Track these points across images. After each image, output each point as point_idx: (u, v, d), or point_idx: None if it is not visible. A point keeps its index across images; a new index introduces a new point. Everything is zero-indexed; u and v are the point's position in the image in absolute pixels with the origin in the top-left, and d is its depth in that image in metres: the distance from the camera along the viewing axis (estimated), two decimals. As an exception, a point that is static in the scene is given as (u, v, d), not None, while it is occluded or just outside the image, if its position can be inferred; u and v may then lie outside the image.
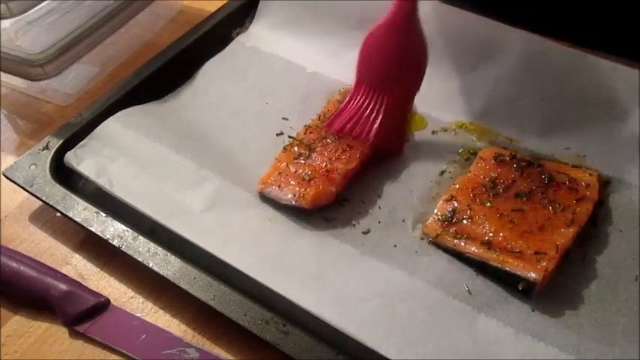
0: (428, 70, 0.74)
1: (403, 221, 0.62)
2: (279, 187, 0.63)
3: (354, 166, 0.64)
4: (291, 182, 0.63)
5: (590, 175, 0.62)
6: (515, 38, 0.71)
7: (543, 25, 0.71)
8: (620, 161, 0.64)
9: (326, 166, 0.64)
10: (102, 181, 0.65)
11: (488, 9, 0.73)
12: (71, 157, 0.68)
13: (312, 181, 0.62)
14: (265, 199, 0.64)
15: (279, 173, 0.64)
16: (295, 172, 0.64)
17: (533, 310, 0.54)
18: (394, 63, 0.66)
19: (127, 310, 0.59)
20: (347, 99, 0.68)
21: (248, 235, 0.61)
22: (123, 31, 0.85)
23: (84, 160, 0.68)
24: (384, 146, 0.67)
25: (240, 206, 0.64)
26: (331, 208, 0.63)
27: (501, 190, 0.61)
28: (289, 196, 0.62)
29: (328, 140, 0.66)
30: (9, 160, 0.72)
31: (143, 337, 0.57)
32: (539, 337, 0.51)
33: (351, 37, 0.79)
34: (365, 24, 0.78)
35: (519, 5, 0.73)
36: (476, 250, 0.56)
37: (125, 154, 0.68)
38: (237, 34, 0.85)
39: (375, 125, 0.66)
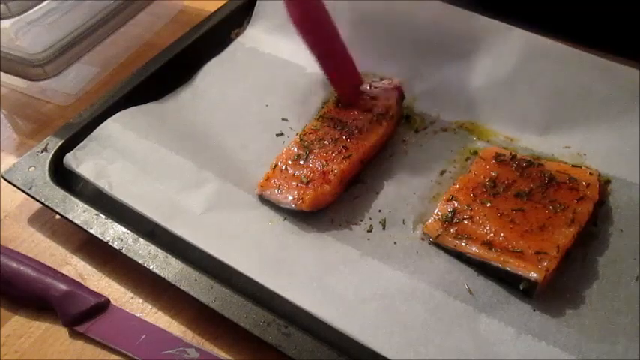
0: (428, 70, 0.74)
1: (404, 222, 0.62)
2: (278, 190, 0.63)
3: (348, 167, 0.64)
4: (290, 185, 0.63)
5: (591, 174, 0.62)
6: (516, 38, 0.71)
7: (543, 25, 0.71)
8: (620, 161, 0.63)
9: (323, 167, 0.64)
10: (101, 183, 0.65)
11: (488, 8, 0.73)
12: (71, 159, 0.68)
13: (310, 184, 0.62)
14: (265, 200, 0.64)
15: (278, 176, 0.64)
16: (293, 174, 0.64)
17: (534, 310, 0.54)
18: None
19: (127, 310, 0.59)
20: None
21: (248, 237, 0.61)
22: (123, 31, 0.85)
23: (83, 162, 0.67)
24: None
25: (241, 208, 0.64)
26: (331, 209, 0.63)
27: (502, 190, 0.61)
28: (288, 199, 0.62)
29: (326, 142, 0.66)
30: (9, 160, 0.72)
31: (143, 337, 0.57)
32: (541, 336, 0.52)
33: (349, 36, 0.78)
34: (364, 22, 0.78)
35: (519, 5, 0.73)
36: (477, 250, 0.56)
37: (125, 156, 0.68)
38: (237, 35, 0.84)
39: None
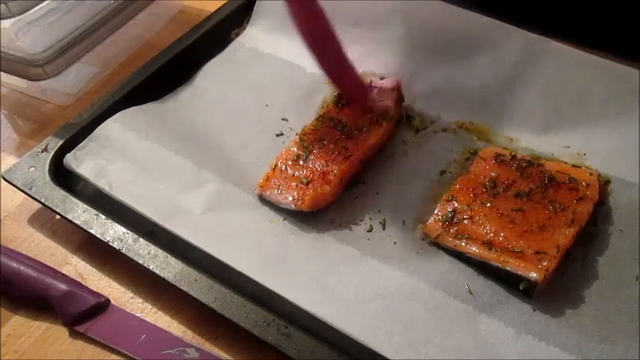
0: (428, 70, 0.74)
1: (404, 222, 0.62)
2: (277, 190, 0.63)
3: (348, 167, 0.64)
4: (290, 186, 0.63)
5: (591, 174, 0.62)
6: (516, 37, 0.71)
7: (543, 25, 0.71)
8: (620, 161, 0.63)
9: (322, 168, 0.64)
10: (101, 183, 0.65)
11: (488, 8, 0.73)
12: (71, 159, 0.68)
13: (310, 184, 0.62)
14: (265, 201, 0.64)
15: (278, 176, 0.64)
16: (293, 174, 0.64)
17: (534, 310, 0.54)
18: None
19: (127, 310, 0.59)
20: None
21: (248, 237, 0.61)
22: (123, 31, 0.85)
23: (83, 162, 0.67)
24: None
25: (241, 208, 0.64)
26: (331, 209, 0.63)
27: (501, 190, 0.61)
28: (288, 199, 0.62)
29: (325, 142, 0.66)
30: (9, 161, 0.72)
31: (143, 337, 0.57)
32: (541, 336, 0.52)
33: (349, 36, 0.78)
34: (364, 22, 0.78)
35: (519, 5, 0.73)
36: (477, 250, 0.56)
37: (125, 156, 0.68)
38: (237, 35, 0.84)
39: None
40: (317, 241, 0.60)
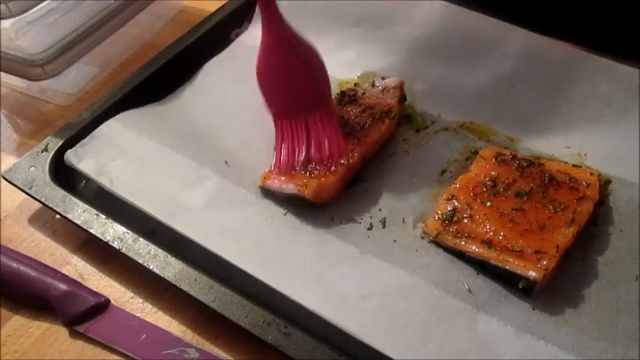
0: (428, 69, 0.74)
1: (404, 220, 0.62)
2: (282, 179, 0.63)
3: (351, 161, 0.64)
4: (294, 174, 0.63)
5: (591, 174, 0.62)
6: (516, 37, 0.71)
7: (543, 25, 0.71)
8: (621, 161, 0.63)
9: (326, 162, 0.64)
10: (102, 180, 0.65)
11: (488, 8, 0.73)
12: (71, 156, 0.68)
13: (314, 174, 0.63)
14: (266, 196, 0.64)
15: (281, 168, 0.64)
16: (297, 168, 0.64)
17: (533, 309, 0.54)
18: (298, 81, 0.65)
19: (127, 310, 0.59)
20: (277, 138, 0.66)
21: (248, 234, 0.61)
22: (123, 31, 0.85)
23: (84, 158, 0.68)
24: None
25: (241, 204, 0.64)
26: (332, 207, 0.63)
27: (502, 190, 0.61)
28: (292, 186, 0.62)
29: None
30: (9, 160, 0.72)
31: (143, 337, 0.57)
32: (540, 335, 0.52)
33: (350, 35, 0.79)
34: (364, 21, 0.78)
35: (519, 5, 0.73)
36: (476, 249, 0.56)
37: (126, 154, 0.68)
38: (237, 35, 0.84)
39: (337, 141, 0.64)
40: (317, 239, 0.60)
